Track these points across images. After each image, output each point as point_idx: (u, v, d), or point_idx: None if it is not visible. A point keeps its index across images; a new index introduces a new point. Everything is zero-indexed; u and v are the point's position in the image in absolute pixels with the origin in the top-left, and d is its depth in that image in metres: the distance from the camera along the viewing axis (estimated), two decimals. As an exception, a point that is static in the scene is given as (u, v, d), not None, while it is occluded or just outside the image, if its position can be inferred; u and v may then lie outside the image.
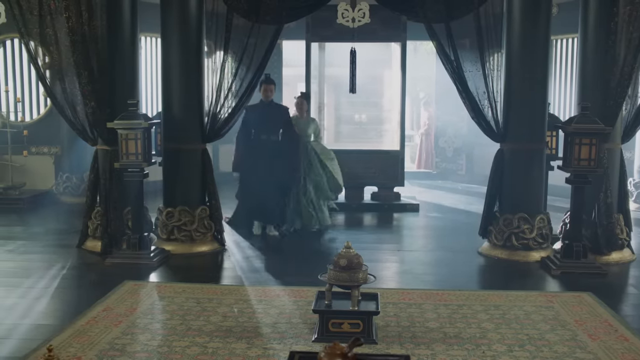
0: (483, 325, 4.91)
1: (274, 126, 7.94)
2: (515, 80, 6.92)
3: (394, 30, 9.62)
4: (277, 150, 7.86)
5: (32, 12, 6.85)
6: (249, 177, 7.94)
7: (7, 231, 8.12)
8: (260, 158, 7.79)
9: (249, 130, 7.92)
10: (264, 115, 7.85)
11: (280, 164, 7.85)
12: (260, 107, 7.93)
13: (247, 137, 7.93)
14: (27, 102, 10.70)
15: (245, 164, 7.94)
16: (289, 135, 8.03)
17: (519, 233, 6.89)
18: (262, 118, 7.84)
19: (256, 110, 7.87)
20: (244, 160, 7.95)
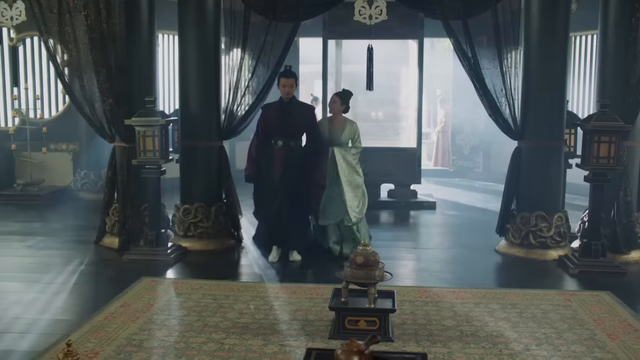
0: (500, 323, 4.89)
1: (295, 129, 6.58)
2: (534, 77, 6.87)
3: (411, 27, 9.58)
4: (300, 160, 6.55)
5: (52, 10, 6.91)
6: (264, 192, 6.66)
7: (27, 227, 8.20)
8: (278, 169, 6.52)
9: (266, 134, 6.59)
10: (284, 115, 6.53)
11: (304, 177, 6.55)
12: (278, 107, 6.59)
13: (263, 142, 6.62)
14: (46, 100, 10.79)
15: (261, 175, 6.65)
16: (315, 140, 6.65)
17: (536, 231, 6.84)
18: (281, 119, 6.52)
19: (274, 110, 6.58)
20: (259, 171, 6.65)
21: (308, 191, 6.61)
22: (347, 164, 6.86)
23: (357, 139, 6.96)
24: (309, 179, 6.56)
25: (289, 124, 6.51)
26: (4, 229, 8.04)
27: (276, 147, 6.54)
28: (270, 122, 6.55)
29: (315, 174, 6.59)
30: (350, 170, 6.87)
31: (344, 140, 6.88)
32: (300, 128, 6.62)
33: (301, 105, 6.85)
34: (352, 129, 6.91)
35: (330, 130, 6.88)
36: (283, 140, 6.52)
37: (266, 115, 6.62)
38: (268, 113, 6.62)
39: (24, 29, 10.04)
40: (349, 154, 6.89)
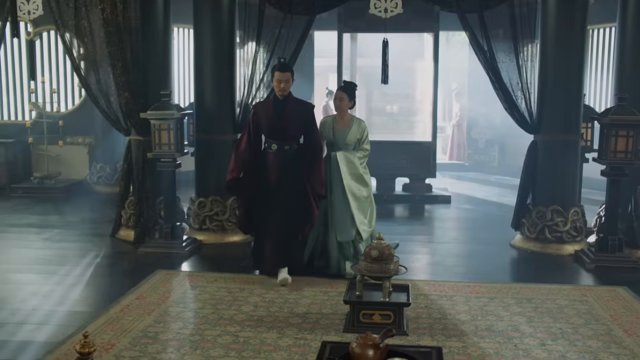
0: (515, 318, 4.87)
1: (292, 131, 5.75)
2: (550, 70, 6.81)
3: (426, 21, 9.54)
4: (296, 165, 5.75)
5: (68, 4, 6.95)
6: (257, 204, 5.82)
7: (43, 220, 8.26)
8: (273, 177, 5.72)
9: (257, 136, 5.83)
10: (279, 115, 5.70)
11: (301, 185, 5.71)
12: (272, 105, 5.78)
13: (253, 144, 5.81)
14: (62, 93, 10.87)
15: (250, 184, 5.79)
16: (311, 143, 5.80)
17: (552, 226, 6.80)
18: (275, 120, 5.70)
19: (267, 109, 5.78)
20: (249, 179, 5.80)
21: (306, 202, 5.70)
22: (351, 171, 5.96)
23: (365, 139, 6.06)
24: (306, 187, 5.71)
25: (285, 125, 5.70)
26: (21, 222, 8.11)
27: (270, 152, 5.76)
28: (264, 123, 5.76)
29: (312, 183, 5.71)
30: (355, 178, 5.98)
31: (350, 141, 6.01)
32: (297, 130, 5.79)
33: (299, 103, 5.84)
34: (360, 128, 6.03)
35: (336, 132, 6.02)
36: (278, 143, 5.73)
37: (259, 114, 5.80)
38: (261, 112, 5.79)
39: (40, 23, 10.10)
40: (354, 159, 6.00)
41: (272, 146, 5.75)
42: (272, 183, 5.73)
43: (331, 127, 6.07)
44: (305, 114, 5.82)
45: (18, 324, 4.71)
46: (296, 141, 5.81)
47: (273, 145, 5.74)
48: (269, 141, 5.79)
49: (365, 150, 6.09)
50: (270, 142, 5.77)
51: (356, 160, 6.02)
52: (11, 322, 4.74)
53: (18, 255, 6.67)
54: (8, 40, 9.41)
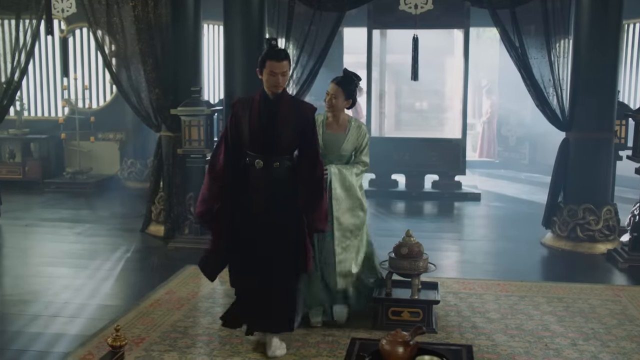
0: (545, 317, 4.82)
1: (284, 142, 4.13)
2: (583, 67, 6.71)
3: (457, 17, 9.47)
4: (289, 190, 4.16)
5: (100, 2, 7.05)
6: (236, 241, 4.22)
7: (75, 214, 8.38)
8: (257, 204, 4.14)
9: (237, 146, 4.16)
10: (267, 120, 4.10)
11: (295, 218, 4.16)
12: (259, 106, 4.13)
13: (233, 159, 4.19)
14: (94, 90, 11.01)
15: (227, 214, 4.19)
16: (311, 160, 4.19)
17: (584, 224, 6.71)
18: (262, 126, 4.09)
19: (251, 111, 4.12)
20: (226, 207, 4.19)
21: (300, 241, 4.16)
22: (345, 192, 4.61)
23: (365, 149, 4.69)
24: (301, 221, 4.16)
25: (275, 134, 4.08)
26: (54, 216, 8.23)
27: (252, 170, 4.14)
28: (245, 129, 4.11)
29: (309, 215, 4.17)
30: (348, 201, 4.62)
31: (345, 151, 4.65)
32: (291, 140, 4.14)
33: (295, 104, 4.27)
34: (359, 134, 4.66)
35: (327, 138, 4.64)
36: (264, 158, 4.10)
37: (238, 116, 4.14)
38: (241, 114, 4.14)
39: (73, 20, 10.23)
40: (349, 175, 4.63)
41: (256, 162, 4.09)
42: (255, 212, 4.13)
43: (320, 130, 4.59)
44: (304, 118, 4.15)
45: (51, 316, 4.79)
46: (289, 156, 4.17)
47: (257, 161, 4.09)
48: (252, 155, 4.12)
49: (363, 164, 4.72)
50: (254, 156, 4.11)
51: (353, 176, 4.64)
52: (45, 314, 4.82)
53: (51, 249, 6.79)
54: (42, 38, 9.54)
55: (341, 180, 4.62)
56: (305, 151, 4.19)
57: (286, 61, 4.10)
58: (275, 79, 4.07)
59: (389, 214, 8.69)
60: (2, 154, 10.16)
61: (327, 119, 4.69)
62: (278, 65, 4.05)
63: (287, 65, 4.10)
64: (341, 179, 4.62)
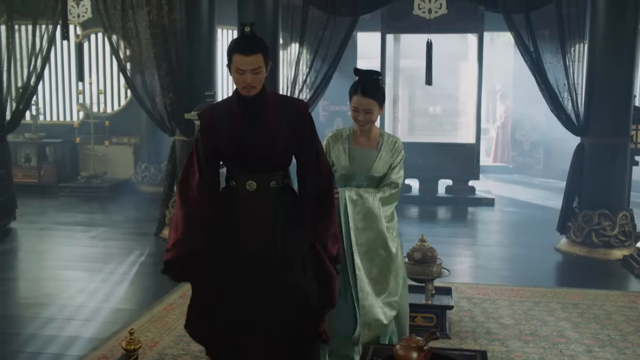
0: (560, 323, 4.78)
1: (278, 150, 3.14)
2: (599, 71, 6.67)
3: (471, 22, 9.46)
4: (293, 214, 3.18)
5: (115, 7, 7.10)
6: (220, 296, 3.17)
7: (90, 218, 8.43)
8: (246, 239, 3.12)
9: (212, 167, 3.21)
10: (253, 128, 3.11)
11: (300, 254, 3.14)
12: (237, 110, 3.13)
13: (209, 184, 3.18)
14: (108, 94, 11.07)
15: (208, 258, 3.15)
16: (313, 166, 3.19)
17: (599, 230, 6.66)
18: (247, 132, 3.10)
19: (228, 116, 3.14)
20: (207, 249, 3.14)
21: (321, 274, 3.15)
22: (364, 222, 3.60)
23: (398, 165, 3.72)
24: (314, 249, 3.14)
25: (266, 144, 3.10)
26: (68, 220, 8.28)
27: (242, 195, 3.14)
28: (226, 144, 3.12)
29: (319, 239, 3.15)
30: (364, 235, 3.60)
31: (376, 171, 3.67)
32: (287, 149, 3.15)
33: (282, 102, 3.25)
34: (394, 151, 3.71)
35: (354, 155, 3.70)
36: (258, 178, 3.12)
37: (213, 130, 3.15)
38: (216, 124, 3.14)
39: (89, 25, 10.31)
40: (371, 200, 3.61)
41: (247, 185, 3.11)
42: (251, 251, 3.10)
43: (344, 149, 3.72)
44: (297, 117, 3.15)
45: (66, 319, 4.81)
46: (285, 171, 3.21)
47: (249, 182, 3.11)
48: (240, 176, 3.14)
49: (393, 185, 3.68)
50: (243, 177, 3.13)
51: (376, 204, 3.61)
52: (59, 317, 4.84)
53: (66, 252, 6.82)
54: (58, 43, 9.62)
55: (359, 206, 3.59)
56: (305, 159, 3.18)
57: (257, 55, 2.98)
58: (242, 77, 2.99)
59: (403, 219, 8.66)
60: (18, 158, 10.24)
61: (353, 132, 3.73)
62: (245, 61, 2.96)
63: (259, 60, 2.99)
64: (359, 206, 3.59)
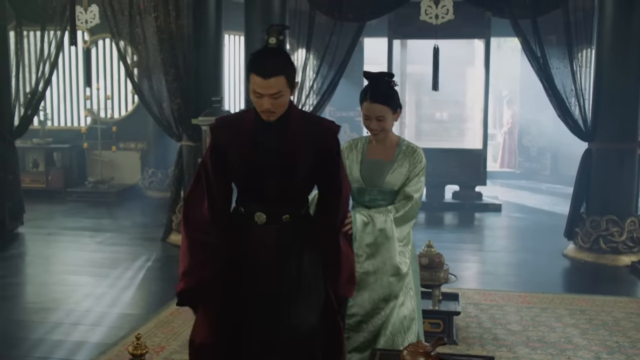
0: (568, 330, 4.76)
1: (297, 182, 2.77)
2: (606, 77, 6.66)
3: (477, 27, 9.45)
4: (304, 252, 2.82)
5: (123, 13, 7.14)
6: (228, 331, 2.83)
7: (97, 223, 8.44)
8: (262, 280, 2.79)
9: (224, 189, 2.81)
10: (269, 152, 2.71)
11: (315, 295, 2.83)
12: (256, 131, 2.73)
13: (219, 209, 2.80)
14: (116, 100, 11.11)
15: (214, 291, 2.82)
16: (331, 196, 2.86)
17: (607, 236, 6.63)
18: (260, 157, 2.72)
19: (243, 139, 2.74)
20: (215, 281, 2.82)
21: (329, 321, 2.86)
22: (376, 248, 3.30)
23: (417, 176, 3.39)
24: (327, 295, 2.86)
25: (283, 173, 2.73)
26: (76, 225, 8.30)
27: (250, 225, 2.79)
28: (236, 166, 2.76)
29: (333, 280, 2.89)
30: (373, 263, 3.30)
31: (390, 184, 3.36)
32: (307, 179, 2.80)
33: (308, 123, 2.81)
34: (413, 161, 3.39)
35: (366, 167, 3.42)
36: (268, 210, 2.77)
37: (223, 147, 2.78)
38: (229, 142, 2.77)
39: (96, 31, 10.35)
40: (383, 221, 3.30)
41: (256, 216, 2.77)
42: (262, 289, 2.78)
43: (357, 160, 3.44)
44: (323, 145, 2.76)
45: (72, 324, 4.82)
46: (303, 203, 2.88)
47: (258, 214, 2.77)
48: (249, 204, 2.81)
49: (408, 198, 3.35)
50: (252, 206, 2.79)
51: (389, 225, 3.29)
52: (66, 322, 4.85)
53: (73, 257, 6.84)
54: (66, 49, 9.66)
55: (369, 231, 3.27)
56: (324, 189, 2.86)
57: (278, 78, 2.56)
58: (260, 101, 2.62)
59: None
60: (25, 163, 10.27)
61: (369, 142, 3.45)
62: (264, 85, 2.57)
63: (280, 84, 2.57)
64: (370, 231, 3.27)
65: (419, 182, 3.39)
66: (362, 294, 3.31)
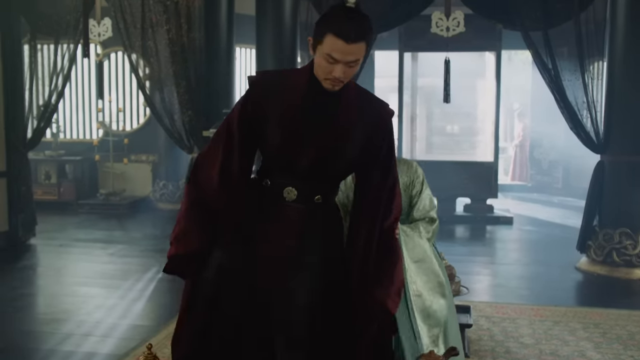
0: (581, 343, 4.71)
1: (342, 160, 2.43)
2: (618, 89, 6.63)
3: (488, 40, 9.46)
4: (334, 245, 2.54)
5: (135, 26, 7.20)
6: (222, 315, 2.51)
7: (108, 235, 8.47)
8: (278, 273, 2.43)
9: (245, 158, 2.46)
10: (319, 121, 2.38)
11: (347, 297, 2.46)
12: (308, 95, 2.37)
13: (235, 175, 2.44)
14: (128, 112, 11.17)
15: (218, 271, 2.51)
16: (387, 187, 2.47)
17: (620, 249, 6.58)
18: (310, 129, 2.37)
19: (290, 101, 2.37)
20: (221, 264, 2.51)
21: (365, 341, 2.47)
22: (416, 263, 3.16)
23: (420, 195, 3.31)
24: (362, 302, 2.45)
25: (330, 147, 2.40)
26: (87, 237, 8.33)
27: (274, 202, 2.47)
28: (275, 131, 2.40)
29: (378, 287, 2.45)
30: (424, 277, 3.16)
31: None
32: (353, 159, 2.46)
33: (365, 98, 2.51)
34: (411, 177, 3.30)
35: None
36: (301, 185, 2.44)
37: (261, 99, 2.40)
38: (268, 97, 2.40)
39: (109, 44, 10.43)
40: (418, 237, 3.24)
41: (285, 191, 2.44)
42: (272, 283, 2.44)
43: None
44: (377, 123, 2.47)
45: (83, 335, 4.82)
46: (335, 189, 2.59)
47: (289, 189, 2.43)
48: (279, 178, 2.46)
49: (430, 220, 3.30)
50: (282, 181, 2.45)
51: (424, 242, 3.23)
52: (77, 333, 4.85)
53: (84, 269, 6.85)
54: (79, 62, 9.75)
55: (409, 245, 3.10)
56: (374, 176, 2.47)
57: (361, 44, 2.26)
58: (331, 67, 2.27)
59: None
60: (38, 175, 10.33)
61: None
62: (345, 50, 2.23)
63: (361, 50, 2.28)
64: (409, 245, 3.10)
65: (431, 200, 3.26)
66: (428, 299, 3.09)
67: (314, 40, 2.31)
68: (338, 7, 2.30)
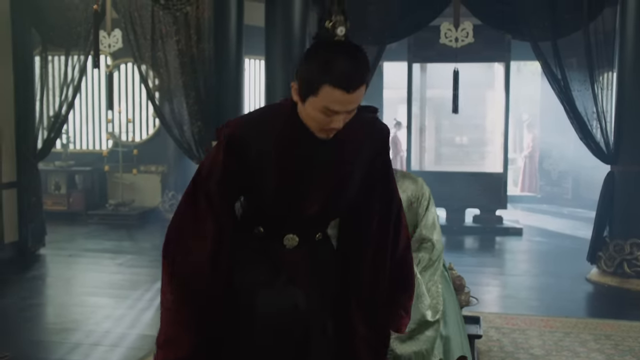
0: (593, 355, 4.67)
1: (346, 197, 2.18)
2: (628, 99, 6.60)
3: (497, 50, 9.45)
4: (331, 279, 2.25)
5: (145, 37, 7.24)
6: None
7: (117, 245, 8.48)
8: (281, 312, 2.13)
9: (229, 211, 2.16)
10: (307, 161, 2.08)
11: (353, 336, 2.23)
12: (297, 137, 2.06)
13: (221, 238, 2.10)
14: (137, 123, 11.22)
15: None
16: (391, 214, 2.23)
17: (631, 260, 6.53)
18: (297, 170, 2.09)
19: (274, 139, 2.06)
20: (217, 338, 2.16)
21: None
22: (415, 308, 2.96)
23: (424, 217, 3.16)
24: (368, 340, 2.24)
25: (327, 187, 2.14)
26: (96, 247, 8.35)
27: (272, 250, 2.19)
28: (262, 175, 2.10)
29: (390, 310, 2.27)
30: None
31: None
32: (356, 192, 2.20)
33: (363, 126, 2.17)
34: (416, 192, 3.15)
35: None
36: (300, 230, 2.19)
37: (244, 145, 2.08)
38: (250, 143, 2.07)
39: (119, 56, 10.48)
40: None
41: (285, 239, 2.18)
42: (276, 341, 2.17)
43: None
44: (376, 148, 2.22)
45: (92, 345, 4.82)
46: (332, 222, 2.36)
47: (289, 236, 2.18)
48: (275, 225, 2.20)
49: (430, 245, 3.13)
50: (279, 227, 2.20)
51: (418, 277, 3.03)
52: (86, 343, 4.85)
53: (93, 279, 6.87)
54: (89, 73, 9.80)
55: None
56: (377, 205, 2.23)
57: (361, 89, 1.97)
58: (329, 120, 1.99)
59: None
60: (48, 186, 10.37)
61: None
62: (346, 99, 1.95)
63: (361, 94, 1.99)
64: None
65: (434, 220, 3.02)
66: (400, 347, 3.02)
67: (303, 89, 1.98)
68: (328, 48, 1.98)
